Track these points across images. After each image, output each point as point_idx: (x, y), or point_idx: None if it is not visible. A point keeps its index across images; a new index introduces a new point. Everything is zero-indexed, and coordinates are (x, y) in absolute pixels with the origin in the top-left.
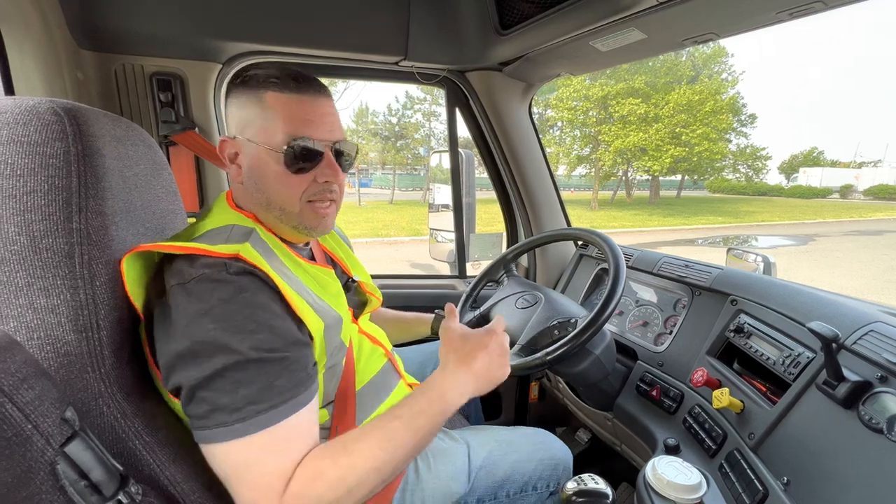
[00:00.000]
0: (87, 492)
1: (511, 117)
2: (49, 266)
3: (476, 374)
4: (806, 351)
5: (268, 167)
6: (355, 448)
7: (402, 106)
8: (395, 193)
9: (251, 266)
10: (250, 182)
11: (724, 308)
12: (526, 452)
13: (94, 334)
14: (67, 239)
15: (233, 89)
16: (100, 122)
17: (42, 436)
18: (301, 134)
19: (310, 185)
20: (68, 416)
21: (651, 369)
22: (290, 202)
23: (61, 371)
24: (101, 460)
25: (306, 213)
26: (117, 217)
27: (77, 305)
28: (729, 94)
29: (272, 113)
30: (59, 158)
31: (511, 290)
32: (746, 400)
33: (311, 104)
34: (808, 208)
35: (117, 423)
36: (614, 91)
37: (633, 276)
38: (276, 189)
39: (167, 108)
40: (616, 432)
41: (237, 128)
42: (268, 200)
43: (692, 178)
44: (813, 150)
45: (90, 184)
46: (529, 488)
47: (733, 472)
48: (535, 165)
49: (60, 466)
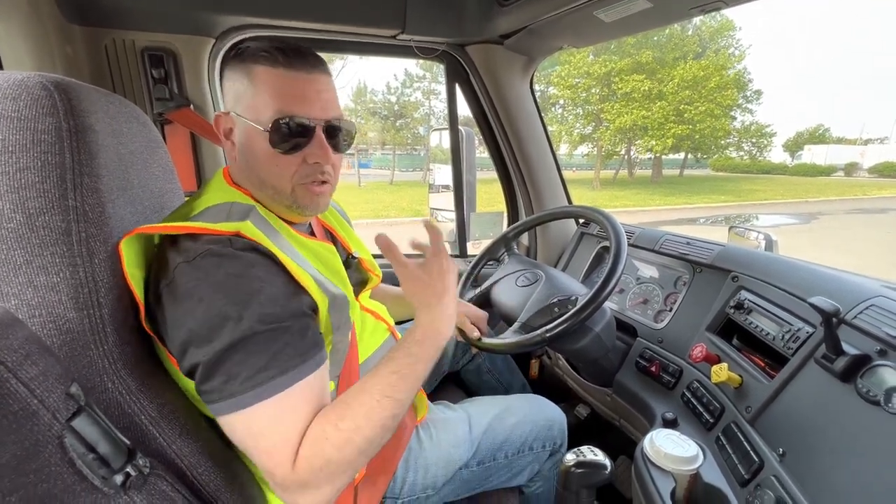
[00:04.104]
0: (95, 464)
1: (512, 93)
2: (47, 244)
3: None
4: (805, 326)
5: (256, 145)
6: (357, 408)
7: (402, 84)
8: (394, 174)
9: (254, 242)
10: (242, 160)
11: (725, 285)
12: (522, 415)
13: (96, 311)
14: (64, 216)
15: (227, 63)
16: (91, 97)
17: (48, 410)
18: (289, 111)
19: (300, 166)
20: (73, 391)
21: (651, 346)
22: (281, 183)
23: (64, 348)
24: (107, 434)
25: (299, 193)
26: (114, 195)
27: (77, 283)
28: (735, 70)
29: (261, 88)
30: (51, 134)
31: (512, 268)
32: (745, 374)
33: (303, 80)
34: (812, 186)
35: (122, 399)
36: (618, 67)
37: (634, 253)
38: (265, 168)
39: (161, 85)
40: (615, 407)
41: (231, 102)
42: (260, 179)
43: (695, 156)
44: (819, 126)
45: (84, 161)
46: (526, 448)
47: (730, 444)
48: (536, 142)
49: (68, 440)
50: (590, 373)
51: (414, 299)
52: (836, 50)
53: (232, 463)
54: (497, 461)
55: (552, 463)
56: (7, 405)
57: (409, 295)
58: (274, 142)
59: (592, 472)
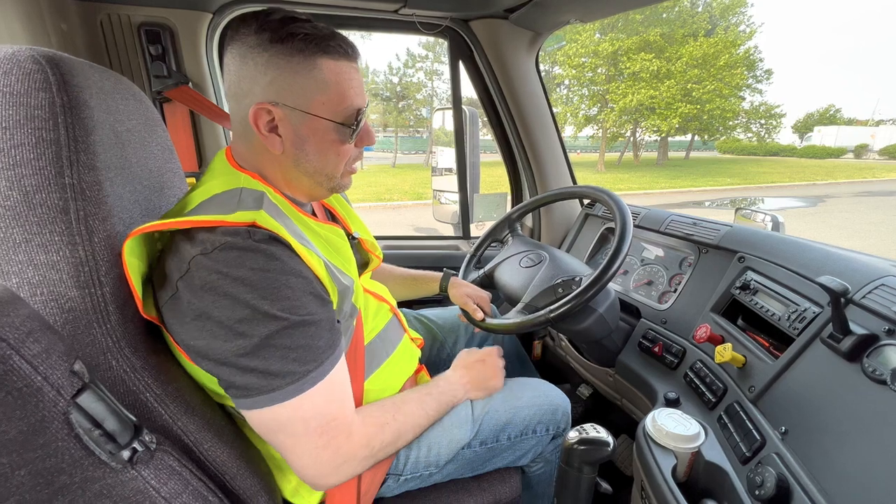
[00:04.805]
0: (102, 440)
1: (517, 69)
2: (45, 222)
3: (473, 379)
4: (812, 306)
5: (326, 139)
6: (404, 408)
7: (404, 64)
8: (397, 157)
9: (272, 232)
10: (297, 152)
11: (731, 265)
12: (526, 399)
13: (97, 290)
14: (61, 194)
15: (259, 46)
16: (85, 72)
17: (52, 387)
18: (360, 106)
19: (353, 151)
20: (77, 368)
21: (654, 327)
22: (337, 171)
23: (67, 326)
24: (113, 411)
25: (345, 176)
26: (111, 172)
27: (77, 262)
28: (745, 47)
29: (332, 82)
30: (45, 110)
31: (515, 249)
32: (749, 355)
33: (356, 70)
34: (821, 169)
35: (127, 377)
36: (625, 46)
37: (639, 234)
38: (330, 160)
39: (158, 62)
40: (617, 387)
41: (276, 93)
42: (315, 169)
43: (702, 137)
44: (830, 107)
45: (79, 137)
46: (529, 432)
47: (732, 422)
48: (541, 121)
49: (73, 416)
50: (592, 353)
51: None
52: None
53: (238, 439)
54: (500, 442)
55: (554, 446)
56: (11, 382)
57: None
58: (351, 136)
59: (595, 449)
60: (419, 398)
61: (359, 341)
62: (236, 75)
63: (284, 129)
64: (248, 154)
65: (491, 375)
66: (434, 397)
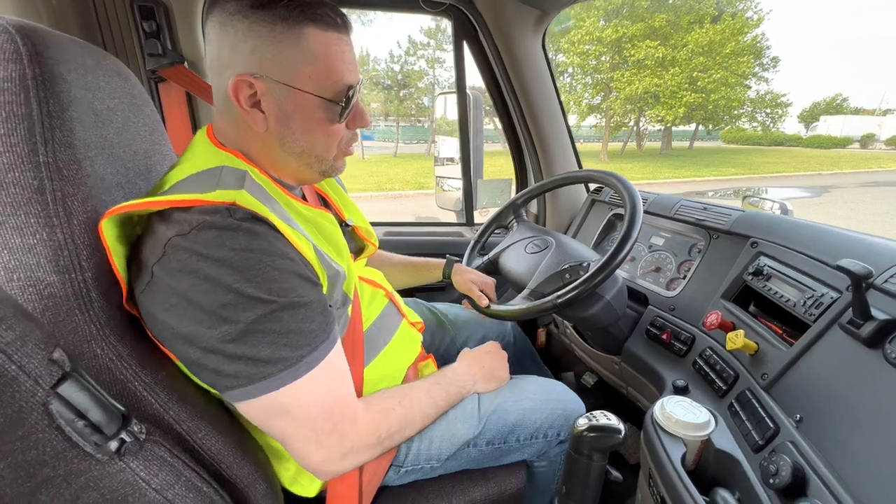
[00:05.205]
0: (87, 431)
1: (523, 50)
2: (20, 203)
3: (481, 370)
4: (830, 291)
5: (313, 116)
6: (411, 395)
7: (405, 52)
8: (398, 146)
9: (254, 212)
10: (282, 129)
11: (744, 251)
12: (538, 401)
13: (78, 275)
14: (36, 173)
15: (240, 13)
16: (61, 45)
17: (29, 377)
18: (351, 82)
19: (344, 132)
20: (56, 357)
21: (662, 314)
22: (329, 152)
23: (47, 314)
24: (98, 401)
25: (339, 159)
26: (91, 152)
27: (55, 245)
28: (752, 35)
29: (319, 54)
30: (15, 83)
31: (521, 235)
32: (761, 342)
33: (347, 43)
34: (826, 159)
35: (113, 366)
36: (630, 32)
37: (647, 220)
38: (319, 139)
39: (153, 40)
40: (623, 375)
41: (259, 65)
42: (302, 149)
43: (707, 127)
44: (836, 96)
45: (53, 112)
46: (540, 435)
47: (743, 410)
48: (547, 103)
49: (54, 407)
50: (598, 341)
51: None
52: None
53: (233, 427)
54: (508, 444)
55: (560, 449)
56: None
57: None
58: (341, 113)
59: (605, 437)
60: (426, 387)
61: (357, 330)
62: (216, 45)
63: (268, 105)
64: (230, 132)
65: (498, 366)
66: (442, 387)
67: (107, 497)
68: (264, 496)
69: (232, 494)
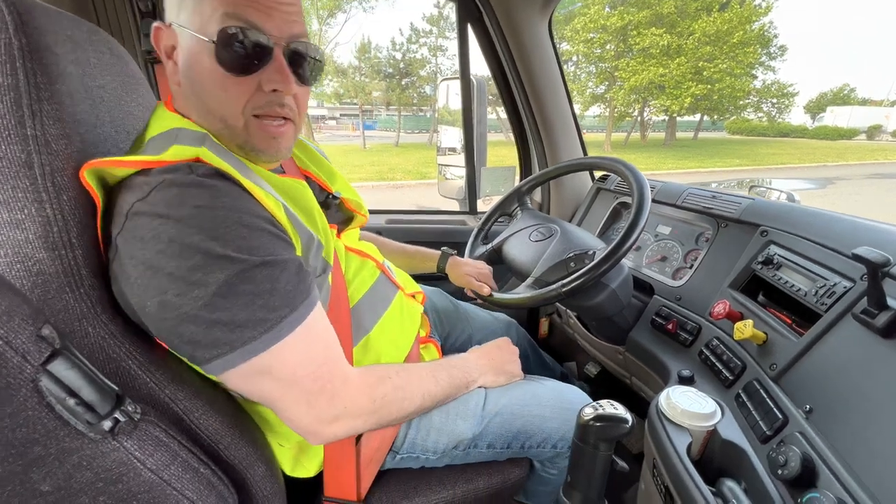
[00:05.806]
0: (79, 410)
1: (529, 33)
2: (7, 177)
3: (490, 362)
4: (843, 281)
5: (200, 62)
6: (410, 368)
7: (407, 40)
8: (400, 136)
9: (218, 168)
10: (186, 83)
11: (753, 240)
12: (550, 409)
13: (68, 252)
14: (23, 146)
15: None
16: (50, 16)
17: (17, 353)
18: (242, 18)
19: (254, 93)
20: (45, 333)
21: (668, 303)
22: (232, 113)
23: (36, 290)
24: (91, 379)
25: (253, 131)
26: (81, 128)
27: (45, 221)
28: (760, 23)
29: None
30: (1, 52)
31: (525, 223)
32: (770, 332)
33: None
34: (832, 150)
35: (106, 344)
36: (636, 20)
37: (653, 208)
38: (211, 92)
39: (149, 20)
40: (627, 365)
41: (173, 11)
42: (206, 108)
43: (711, 118)
44: (844, 87)
45: (41, 84)
46: (549, 445)
47: (751, 401)
48: (553, 88)
49: (44, 384)
50: (602, 330)
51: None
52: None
53: (231, 407)
54: (512, 448)
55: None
56: None
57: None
58: (221, 57)
59: (612, 426)
60: (429, 365)
61: (341, 301)
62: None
63: (178, 53)
64: (177, 94)
65: (509, 360)
66: (446, 370)
67: (101, 476)
68: (263, 478)
69: (230, 475)
